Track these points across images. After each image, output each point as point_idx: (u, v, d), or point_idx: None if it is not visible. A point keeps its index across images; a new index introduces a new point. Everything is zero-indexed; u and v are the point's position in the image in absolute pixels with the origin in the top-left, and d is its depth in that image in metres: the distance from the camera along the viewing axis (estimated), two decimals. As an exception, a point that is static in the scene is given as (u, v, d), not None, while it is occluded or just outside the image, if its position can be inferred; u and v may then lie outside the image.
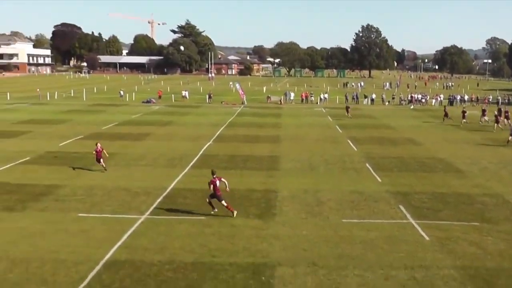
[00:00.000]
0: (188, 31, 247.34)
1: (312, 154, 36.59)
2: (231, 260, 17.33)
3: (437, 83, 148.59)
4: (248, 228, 20.60)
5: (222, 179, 22.45)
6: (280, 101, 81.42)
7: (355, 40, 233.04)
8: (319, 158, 35.32)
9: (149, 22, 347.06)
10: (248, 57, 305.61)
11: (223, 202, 22.12)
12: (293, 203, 24.23)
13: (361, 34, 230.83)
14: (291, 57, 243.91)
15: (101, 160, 30.65)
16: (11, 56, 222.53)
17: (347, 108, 62.51)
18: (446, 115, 57.07)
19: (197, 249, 18.31)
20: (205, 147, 39.09)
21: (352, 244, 18.91)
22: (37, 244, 18.93)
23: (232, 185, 27.06)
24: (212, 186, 22.03)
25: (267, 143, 41.34)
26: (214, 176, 22.32)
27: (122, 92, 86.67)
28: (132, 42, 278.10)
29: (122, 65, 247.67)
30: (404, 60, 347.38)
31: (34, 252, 18.09)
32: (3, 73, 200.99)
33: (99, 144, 30.90)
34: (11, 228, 20.71)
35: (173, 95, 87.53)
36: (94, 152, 30.65)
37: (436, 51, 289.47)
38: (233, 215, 22.05)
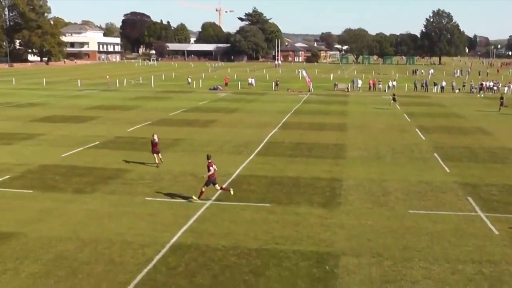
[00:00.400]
0: (255, 19, 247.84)
1: (379, 143, 36.09)
2: (295, 248, 17.34)
3: (510, 70, 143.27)
4: (313, 217, 20.54)
5: (214, 166, 22.58)
6: (347, 88, 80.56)
7: (425, 26, 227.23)
8: (386, 147, 34.79)
9: (216, 10, 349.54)
10: (315, 44, 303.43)
11: (218, 186, 22.41)
12: (358, 192, 23.99)
13: (431, 20, 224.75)
14: (359, 44, 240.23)
15: (159, 152, 28.98)
16: (82, 44, 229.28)
17: (393, 97, 59.68)
18: (501, 103, 55.18)
19: (261, 236, 18.41)
20: (270, 134, 39.17)
21: (418, 236, 18.56)
22: (105, 225, 19.52)
23: (297, 173, 27.24)
24: (210, 169, 22.26)
25: (333, 131, 41.04)
26: (210, 161, 22.52)
27: (189, 79, 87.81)
28: (200, 30, 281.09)
29: (190, 52, 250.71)
30: (476, 46, 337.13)
31: (102, 233, 18.66)
32: (75, 60, 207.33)
33: (155, 135, 29.24)
34: (80, 209, 21.43)
35: (239, 83, 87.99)
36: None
37: (510, 36, 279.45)
38: (231, 192, 22.36)
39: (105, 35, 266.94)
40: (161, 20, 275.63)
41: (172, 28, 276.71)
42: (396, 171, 28.01)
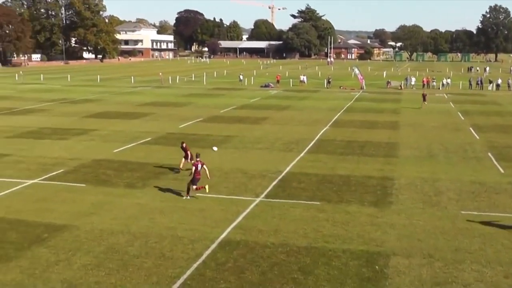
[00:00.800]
0: (308, 16, 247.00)
1: (432, 142, 35.38)
2: (345, 247, 17.15)
3: None
4: (363, 215, 20.28)
5: (204, 166, 22.42)
6: (400, 86, 79.38)
7: (481, 22, 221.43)
8: (438, 145, 34.07)
9: (269, 7, 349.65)
10: (368, 41, 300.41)
11: (194, 186, 22.19)
12: (410, 192, 23.56)
13: (488, 15, 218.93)
14: (414, 40, 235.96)
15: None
16: (136, 42, 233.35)
17: (423, 95, 56.66)
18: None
19: (311, 234, 18.29)
20: (321, 132, 38.92)
21: (470, 238, 18.08)
22: (156, 220, 19.75)
23: (348, 171, 26.95)
24: (194, 168, 22.10)
25: (385, 129, 40.47)
26: (198, 159, 22.45)
27: (241, 77, 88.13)
28: (252, 27, 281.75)
29: (242, 50, 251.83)
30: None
31: (153, 228, 18.89)
32: (130, 58, 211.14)
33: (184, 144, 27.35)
34: (132, 204, 21.76)
35: (291, 80, 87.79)
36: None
37: None
38: (206, 189, 22.12)
39: (158, 32, 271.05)
40: (214, 18, 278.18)
41: (225, 25, 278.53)
42: (448, 171, 27.40)
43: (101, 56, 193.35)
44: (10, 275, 15.18)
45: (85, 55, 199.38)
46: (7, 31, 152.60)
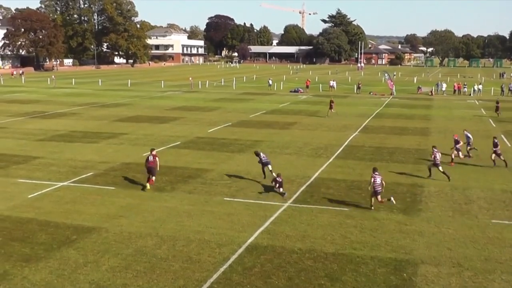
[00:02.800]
0: (338, 21, 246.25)
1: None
2: (373, 254, 17.00)
3: None
4: (392, 222, 20.09)
5: (157, 158, 24.84)
6: (431, 92, 78.52)
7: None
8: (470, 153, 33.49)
9: (300, 12, 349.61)
10: (399, 46, 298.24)
11: (152, 177, 24.44)
12: (439, 200, 23.25)
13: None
14: (445, 46, 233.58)
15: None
16: (166, 47, 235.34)
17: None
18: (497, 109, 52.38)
19: (338, 240, 18.17)
20: (350, 138, 38.69)
21: (501, 247, 17.74)
22: (184, 223, 19.84)
23: (376, 177, 26.66)
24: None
25: (416, 136, 40.05)
26: (153, 153, 24.94)
27: (270, 81, 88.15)
28: (282, 32, 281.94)
29: (272, 55, 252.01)
30: None
31: (180, 231, 18.98)
32: (164, 63, 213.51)
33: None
34: (160, 207, 21.91)
35: (320, 85, 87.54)
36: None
37: None
38: (146, 187, 24.09)
39: (189, 37, 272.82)
40: (244, 23, 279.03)
41: (255, 30, 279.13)
42: (479, 179, 26.97)
43: (132, 61, 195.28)
44: (39, 275, 15.41)
45: (116, 60, 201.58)
46: (40, 36, 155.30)
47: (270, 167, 25.91)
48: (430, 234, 18.83)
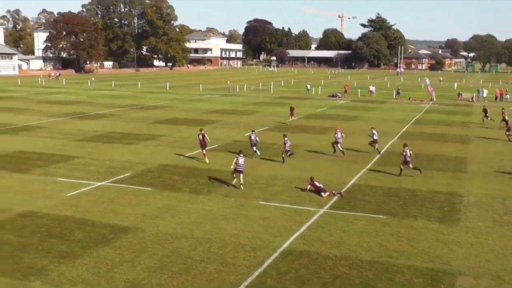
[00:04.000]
0: (378, 25, 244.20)
1: (503, 157, 34.18)
2: (409, 263, 16.73)
3: None
4: (429, 231, 19.74)
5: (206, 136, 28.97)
6: (472, 98, 77.19)
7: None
8: (510, 162, 32.82)
9: (339, 16, 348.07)
10: (440, 51, 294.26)
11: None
12: (479, 209, 22.77)
13: None
14: (487, 51, 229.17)
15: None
16: (205, 50, 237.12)
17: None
18: (485, 114, 50.89)
19: (374, 248, 17.95)
20: (389, 144, 38.28)
21: (543, 259, 17.28)
22: (220, 226, 19.88)
23: (414, 185, 26.39)
24: None
25: (455, 143, 39.40)
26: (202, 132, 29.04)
27: (308, 86, 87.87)
28: (321, 36, 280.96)
29: (310, 59, 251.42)
30: None
31: (216, 234, 19.01)
32: (205, 66, 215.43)
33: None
34: (196, 209, 22.01)
35: (359, 90, 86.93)
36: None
37: None
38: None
39: (228, 41, 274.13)
40: (283, 27, 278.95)
41: (294, 34, 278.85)
42: (521, 188, 26.35)
43: (171, 64, 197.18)
44: (76, 272, 15.64)
45: (156, 63, 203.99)
46: (81, 39, 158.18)
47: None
48: (468, 245, 18.46)
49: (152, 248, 17.54)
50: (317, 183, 24.35)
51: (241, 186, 25.27)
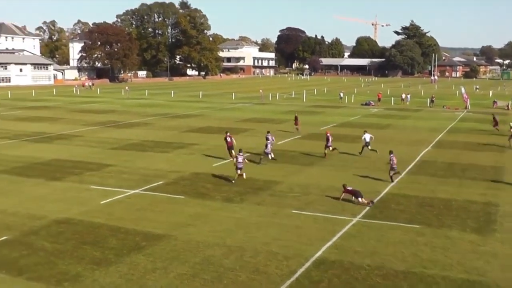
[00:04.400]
0: (412, 32, 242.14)
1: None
2: (444, 274, 16.45)
3: None
4: (464, 242, 19.40)
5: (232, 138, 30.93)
6: (507, 106, 75.83)
7: None
8: (550, 171, 32.08)
9: (372, 24, 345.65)
10: (474, 59, 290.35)
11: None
12: (516, 219, 22.31)
13: None
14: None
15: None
16: (238, 59, 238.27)
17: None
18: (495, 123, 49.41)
19: (409, 258, 17.70)
20: (422, 153, 37.80)
21: None
22: (252, 234, 19.85)
23: (449, 194, 26.01)
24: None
25: (491, 152, 38.70)
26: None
27: (341, 94, 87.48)
28: (354, 44, 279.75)
29: (343, 67, 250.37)
30: None
31: (248, 242, 19.00)
32: (239, 75, 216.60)
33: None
34: (229, 217, 22.04)
35: (392, 98, 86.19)
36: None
37: None
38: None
39: (260, 50, 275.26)
40: (316, 35, 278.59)
41: (327, 42, 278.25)
42: (560, 198, 25.72)
43: (204, 73, 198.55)
44: (109, 279, 15.80)
45: (189, 72, 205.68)
46: (115, 49, 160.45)
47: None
48: (505, 256, 18.07)
49: (184, 256, 17.61)
50: (350, 188, 24.21)
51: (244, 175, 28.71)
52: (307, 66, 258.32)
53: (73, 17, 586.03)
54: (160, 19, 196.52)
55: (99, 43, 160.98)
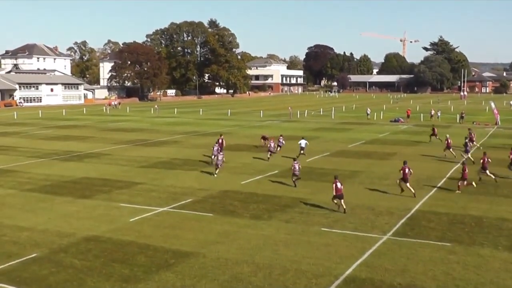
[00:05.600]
0: (441, 48, 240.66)
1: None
2: (477, 292, 16.12)
3: None
4: (497, 260, 18.98)
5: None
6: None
7: None
8: None
9: (401, 40, 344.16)
10: (504, 74, 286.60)
11: None
12: (551, 237, 21.79)
13: None
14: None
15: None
16: (266, 77, 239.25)
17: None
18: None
19: (440, 276, 17.38)
20: (453, 169, 37.28)
21: None
22: (281, 252, 19.71)
23: (480, 212, 25.58)
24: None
25: (524, 168, 37.90)
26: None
27: (369, 111, 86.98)
28: (383, 60, 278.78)
29: (372, 84, 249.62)
30: None
31: (277, 260, 18.86)
32: (270, 92, 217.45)
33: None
34: (257, 235, 21.94)
35: (422, 114, 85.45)
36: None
37: None
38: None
39: (288, 67, 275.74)
40: (344, 52, 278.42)
41: (355, 59, 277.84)
42: None
43: (232, 91, 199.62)
44: (138, 298, 15.76)
45: (217, 90, 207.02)
46: (145, 68, 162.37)
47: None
48: (540, 275, 17.63)
49: (213, 274, 17.56)
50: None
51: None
52: (335, 83, 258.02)
53: (103, 37, 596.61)
54: (189, 38, 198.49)
55: (129, 62, 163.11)
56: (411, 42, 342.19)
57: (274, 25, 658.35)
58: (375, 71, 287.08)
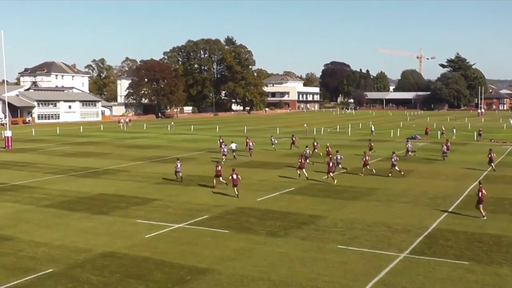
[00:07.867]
0: (457, 65, 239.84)
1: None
2: (495, 312, 15.91)
3: None
4: (516, 279, 18.76)
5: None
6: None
7: None
8: None
9: (417, 57, 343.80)
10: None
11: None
12: None
13: None
14: None
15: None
16: (282, 94, 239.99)
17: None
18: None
19: (458, 295, 17.20)
20: (470, 188, 36.90)
21: None
22: (297, 269, 19.64)
23: (499, 230, 25.36)
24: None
25: (543, 186, 37.52)
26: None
27: (373, 128, 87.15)
28: (399, 77, 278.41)
29: (389, 101, 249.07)
30: None
31: (293, 277, 18.80)
32: (289, 109, 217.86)
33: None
34: (273, 252, 21.87)
35: (438, 132, 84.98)
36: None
37: None
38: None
39: (305, 84, 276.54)
40: (361, 69, 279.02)
41: (372, 76, 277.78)
42: None
43: (248, 108, 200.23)
44: (154, 315, 15.74)
45: (234, 107, 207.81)
46: (162, 86, 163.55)
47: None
48: (560, 294, 17.38)
49: (229, 291, 17.51)
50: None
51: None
52: (352, 100, 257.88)
53: (121, 55, 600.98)
54: (206, 55, 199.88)
55: (146, 79, 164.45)
56: (427, 59, 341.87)
57: (290, 42, 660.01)
58: (391, 88, 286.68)
